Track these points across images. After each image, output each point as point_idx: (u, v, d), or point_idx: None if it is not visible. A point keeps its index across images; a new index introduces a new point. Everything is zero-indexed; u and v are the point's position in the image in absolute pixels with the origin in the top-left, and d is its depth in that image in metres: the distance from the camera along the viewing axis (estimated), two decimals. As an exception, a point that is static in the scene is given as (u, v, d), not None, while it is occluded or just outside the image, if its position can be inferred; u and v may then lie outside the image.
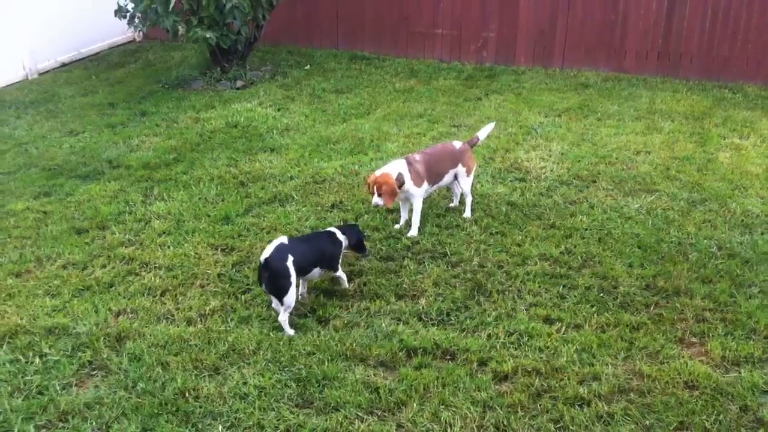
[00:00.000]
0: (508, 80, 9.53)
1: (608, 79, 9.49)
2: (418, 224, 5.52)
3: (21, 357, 4.22)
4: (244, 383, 4.00)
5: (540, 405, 3.83)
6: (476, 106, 8.52)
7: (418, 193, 5.47)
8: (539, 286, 4.84)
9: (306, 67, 10.13)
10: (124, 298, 4.79)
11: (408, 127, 7.81)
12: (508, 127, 7.72)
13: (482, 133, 5.95)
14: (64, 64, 10.57)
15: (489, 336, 4.34)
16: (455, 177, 5.70)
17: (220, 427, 3.71)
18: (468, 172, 5.73)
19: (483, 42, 10.31)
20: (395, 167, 5.37)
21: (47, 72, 10.19)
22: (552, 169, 6.63)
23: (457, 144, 5.79)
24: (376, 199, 5.28)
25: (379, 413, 3.79)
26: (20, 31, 9.72)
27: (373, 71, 9.97)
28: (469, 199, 5.79)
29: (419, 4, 10.42)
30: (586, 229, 5.57)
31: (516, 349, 4.24)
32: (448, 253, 5.26)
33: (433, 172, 5.53)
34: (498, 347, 4.25)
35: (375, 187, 5.25)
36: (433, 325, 4.48)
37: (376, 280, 4.94)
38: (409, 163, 5.42)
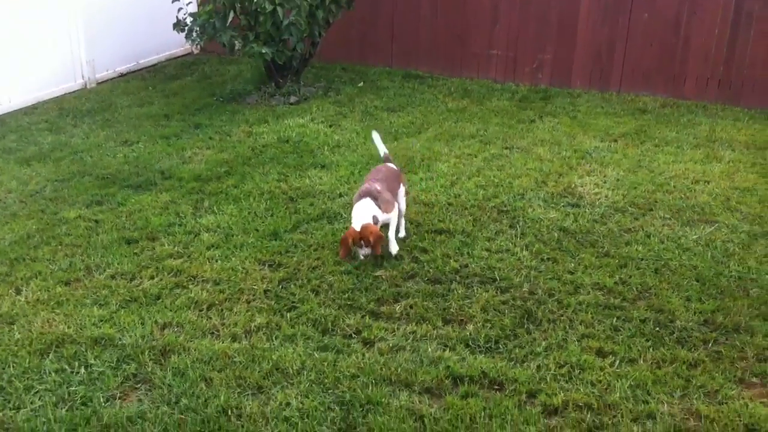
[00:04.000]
0: (563, 103, 9.38)
1: (666, 105, 9.28)
2: (395, 239, 5.47)
3: (67, 367, 4.23)
4: (287, 404, 3.93)
5: (591, 442, 3.69)
6: (529, 128, 8.40)
7: (394, 216, 5.43)
8: (592, 317, 4.69)
9: (359, 84, 10.13)
10: (170, 310, 4.78)
11: (459, 147, 7.73)
12: (562, 151, 7.58)
13: (382, 148, 6.05)
14: (122, 75, 10.75)
15: (539, 367, 4.21)
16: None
17: (260, 448, 3.66)
18: (406, 192, 5.84)
19: (538, 63, 10.19)
20: (366, 211, 5.24)
21: (105, 81, 10.37)
22: (607, 196, 6.47)
23: (392, 165, 5.84)
24: (364, 252, 5.21)
25: (423, 442, 3.70)
26: (80, 41, 9.93)
27: (426, 90, 9.92)
28: (403, 220, 5.78)
29: (476, 24, 10.35)
30: (642, 259, 5.40)
31: (567, 382, 4.10)
32: (498, 278, 5.15)
33: (392, 195, 5.51)
34: (548, 379, 4.11)
35: (362, 242, 5.15)
36: (480, 352, 4.37)
37: (422, 303, 4.85)
38: (374, 198, 5.31)
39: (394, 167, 5.85)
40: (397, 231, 5.64)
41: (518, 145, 7.78)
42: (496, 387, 4.08)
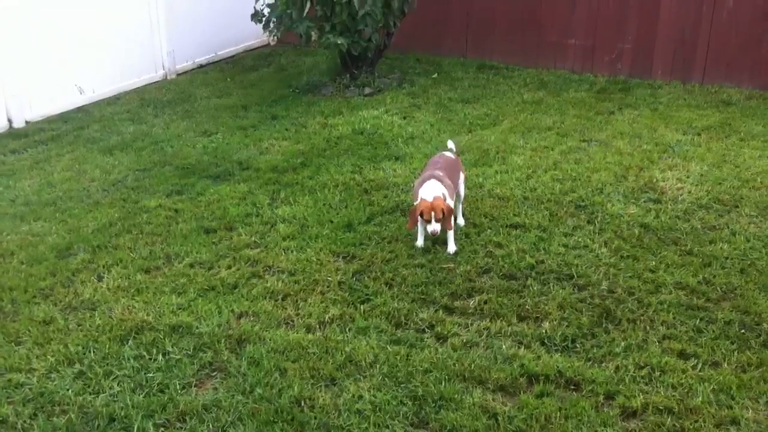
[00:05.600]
0: (643, 94, 9.11)
1: (752, 97, 8.89)
2: (454, 237, 5.39)
3: (145, 353, 4.33)
4: (360, 397, 3.94)
5: (671, 448, 3.58)
6: (608, 120, 8.19)
7: (451, 204, 5.35)
8: (674, 318, 4.54)
9: (433, 76, 10.06)
10: (246, 300, 4.85)
11: (535, 140, 7.59)
12: (643, 144, 7.37)
13: (451, 145, 6.04)
14: (201, 66, 10.96)
15: (617, 368, 4.10)
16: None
17: (333, 440, 3.67)
18: (465, 179, 5.85)
19: (618, 53, 9.91)
20: (436, 188, 5.19)
21: (185, 73, 10.59)
22: (690, 191, 6.25)
23: (449, 154, 5.78)
24: (434, 226, 5.11)
25: (497, 441, 3.64)
26: (161, 33, 10.16)
27: (501, 81, 9.78)
28: (462, 207, 5.76)
29: (552, 13, 10.14)
30: (727, 258, 5.20)
31: (647, 384, 3.98)
32: (575, 275, 5.04)
33: (453, 183, 5.47)
34: (627, 381, 4.00)
35: (433, 214, 5.07)
36: (556, 351, 4.28)
37: (497, 299, 4.78)
38: (440, 180, 5.25)
39: (452, 156, 5.79)
40: (455, 217, 5.57)
41: (597, 138, 7.60)
42: (573, 387, 3.99)
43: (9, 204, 6.33)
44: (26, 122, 8.42)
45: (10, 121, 8.31)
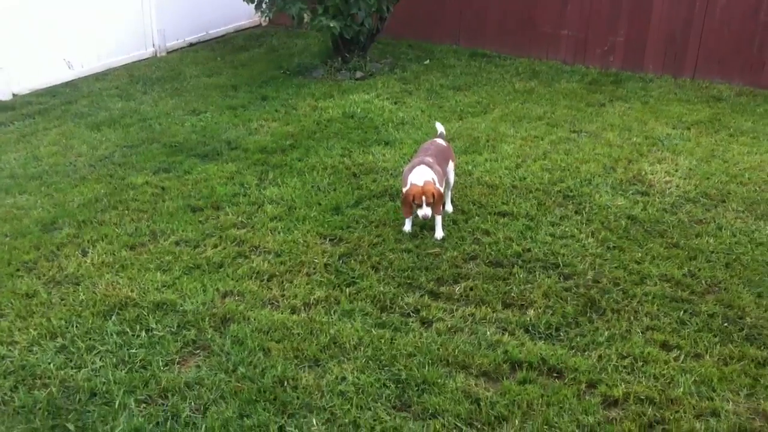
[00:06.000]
0: (634, 87, 9.12)
1: (742, 94, 8.92)
2: (442, 223, 5.40)
3: (128, 330, 4.31)
4: (343, 379, 3.94)
5: (651, 437, 3.59)
6: (599, 112, 8.19)
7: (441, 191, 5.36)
8: (658, 309, 4.56)
9: (425, 62, 10.03)
10: (232, 279, 4.83)
11: (525, 129, 7.59)
12: (633, 137, 7.38)
13: (440, 128, 6.03)
14: (191, 44, 10.88)
15: (600, 357, 4.11)
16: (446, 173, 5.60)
17: (314, 421, 3.66)
18: (455, 166, 5.83)
19: (610, 46, 9.91)
20: (426, 174, 5.18)
21: (175, 51, 10.51)
22: (678, 185, 6.27)
23: (440, 140, 5.75)
24: (425, 211, 5.10)
25: (479, 426, 3.64)
26: (152, 10, 10.07)
27: (493, 70, 9.76)
28: (450, 194, 5.77)
29: (545, 4, 10.12)
30: (713, 252, 5.22)
31: (629, 374, 3.99)
32: (561, 264, 5.05)
33: (442, 170, 5.45)
34: (609, 370, 4.01)
35: (423, 198, 5.07)
36: (540, 338, 4.29)
37: (483, 286, 4.79)
38: (430, 166, 5.25)
39: (443, 142, 5.78)
40: (444, 204, 5.57)
41: (587, 129, 7.60)
42: (555, 375, 4.01)
43: (-6, 176, 6.27)
44: (13, 95, 8.33)
45: (-4, 93, 8.22)
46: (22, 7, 8.30)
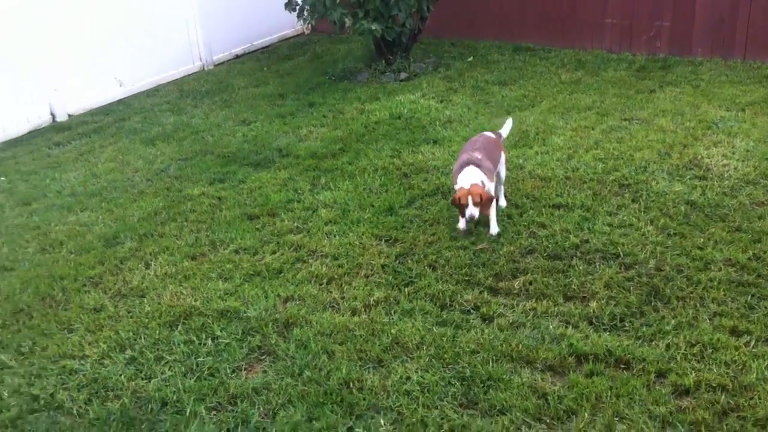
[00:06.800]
0: (683, 72, 8.94)
1: (798, 71, 8.69)
2: (496, 218, 5.35)
3: (195, 338, 4.39)
4: (408, 378, 3.95)
5: (726, 425, 3.51)
6: (649, 98, 8.05)
7: (492, 187, 5.31)
8: (724, 294, 4.47)
9: (469, 59, 10.00)
10: (292, 284, 4.88)
11: (575, 120, 7.50)
12: (686, 121, 7.23)
13: (504, 130, 5.99)
14: (237, 56, 11.04)
15: (668, 346, 4.04)
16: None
17: (382, 421, 3.68)
18: (507, 160, 5.77)
19: (656, 31, 9.73)
20: (474, 175, 5.15)
21: (222, 63, 10.68)
22: (736, 167, 6.13)
23: (490, 133, 5.75)
24: (471, 210, 5.06)
25: (548, 420, 3.62)
26: (197, 25, 10.25)
27: (537, 62, 9.68)
28: (503, 189, 5.73)
29: (589, -8, 10.01)
30: (777, 234, 5.10)
31: (698, 362, 3.92)
32: (621, 254, 4.98)
33: (492, 164, 5.41)
34: (678, 359, 3.94)
35: (470, 198, 5.04)
36: (605, 330, 4.24)
37: (542, 279, 4.75)
38: (478, 165, 5.21)
39: (492, 135, 5.75)
40: (498, 199, 5.54)
41: (638, 117, 7.48)
42: (623, 366, 3.95)
43: (56, 195, 6.45)
44: (69, 115, 8.57)
45: (53, 114, 8.47)
46: (74, 29, 8.52)
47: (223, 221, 5.77)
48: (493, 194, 5.32)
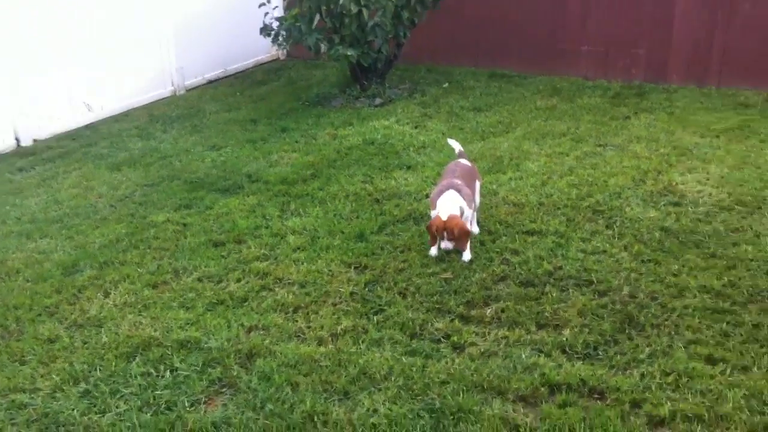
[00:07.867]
0: (658, 98, 8.95)
1: (771, 99, 8.72)
2: (469, 245, 5.23)
3: (153, 370, 4.19)
4: (375, 411, 3.78)
5: (703, 458, 3.39)
6: (624, 125, 8.03)
7: (470, 218, 5.24)
8: (699, 322, 4.36)
9: (444, 85, 9.95)
10: (256, 313, 4.71)
11: (550, 146, 7.44)
12: (660, 148, 7.20)
13: (456, 146, 5.98)
14: (210, 81, 10.91)
15: (642, 375, 3.92)
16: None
17: (347, 456, 3.52)
18: (480, 186, 5.70)
19: (631, 59, 9.76)
20: (452, 202, 5.06)
21: (195, 88, 10.53)
22: (711, 194, 6.07)
23: (465, 161, 5.67)
24: (446, 244, 5.00)
25: (519, 454, 3.48)
26: (170, 50, 10.12)
27: (513, 89, 9.65)
28: (477, 215, 5.65)
29: (564, 21, 10.03)
30: (752, 260, 5.02)
31: (674, 391, 3.80)
32: (595, 280, 4.87)
33: (471, 192, 5.35)
34: (653, 388, 3.82)
35: (445, 233, 4.95)
36: (578, 359, 4.11)
37: (515, 307, 4.62)
38: (458, 190, 5.13)
39: (468, 163, 5.69)
40: (470, 225, 5.44)
41: (612, 143, 7.44)
42: (597, 396, 3.82)
43: (15, 222, 6.24)
44: (34, 140, 8.36)
45: (17, 139, 8.26)
46: (40, 52, 8.36)
47: (188, 248, 5.60)
48: (469, 224, 5.22)
